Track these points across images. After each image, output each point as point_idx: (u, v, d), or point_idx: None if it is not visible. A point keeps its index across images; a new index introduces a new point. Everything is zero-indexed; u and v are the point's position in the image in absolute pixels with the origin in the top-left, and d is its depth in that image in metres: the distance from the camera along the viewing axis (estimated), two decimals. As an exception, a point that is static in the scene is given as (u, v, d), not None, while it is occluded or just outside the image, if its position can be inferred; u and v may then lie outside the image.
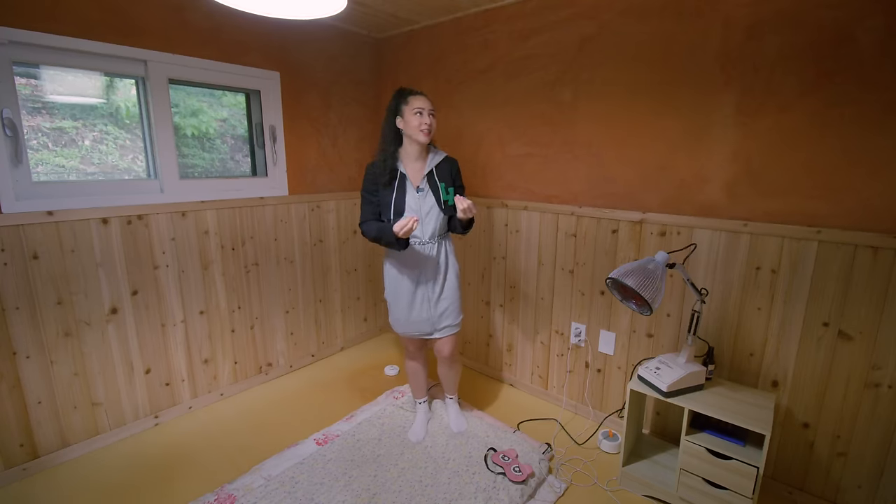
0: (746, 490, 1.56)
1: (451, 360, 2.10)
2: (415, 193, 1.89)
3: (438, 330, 2.00)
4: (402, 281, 1.95)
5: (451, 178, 1.96)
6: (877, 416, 1.60)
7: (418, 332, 2.00)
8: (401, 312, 1.99)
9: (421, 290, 1.95)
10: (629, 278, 1.61)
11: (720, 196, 1.83)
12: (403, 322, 2.00)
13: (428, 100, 1.86)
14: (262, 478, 1.84)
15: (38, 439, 1.92)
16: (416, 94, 1.85)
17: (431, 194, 1.90)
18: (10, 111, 1.75)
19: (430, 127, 1.83)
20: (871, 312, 1.56)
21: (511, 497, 1.75)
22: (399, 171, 1.89)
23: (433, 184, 1.91)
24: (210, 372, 2.46)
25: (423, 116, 1.82)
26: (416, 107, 1.82)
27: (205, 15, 2.21)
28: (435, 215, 1.91)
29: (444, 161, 1.96)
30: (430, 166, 1.92)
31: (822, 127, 1.59)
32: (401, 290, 1.96)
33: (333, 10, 1.37)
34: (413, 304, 1.96)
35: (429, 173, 1.92)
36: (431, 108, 1.85)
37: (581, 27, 2.10)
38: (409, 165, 1.92)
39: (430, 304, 1.97)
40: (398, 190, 1.88)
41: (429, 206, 1.90)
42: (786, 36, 1.61)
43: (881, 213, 1.52)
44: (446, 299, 1.98)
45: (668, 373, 1.72)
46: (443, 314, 1.98)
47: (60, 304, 1.91)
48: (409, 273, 1.94)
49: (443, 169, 1.95)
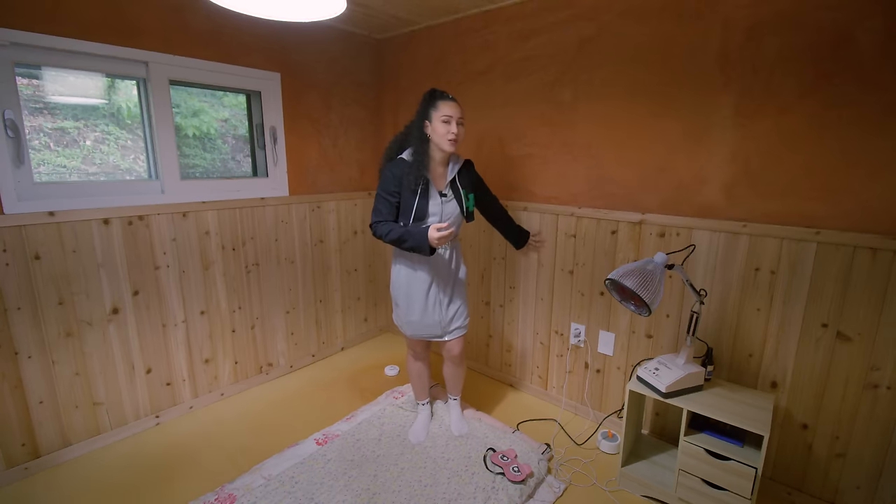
0: (745, 491, 1.57)
1: (460, 360, 2.10)
2: (438, 199, 1.86)
3: (449, 332, 2.01)
4: (415, 284, 1.93)
5: (471, 184, 1.97)
6: (875, 417, 1.60)
7: (430, 334, 2.00)
8: (414, 315, 1.96)
9: (433, 293, 1.94)
10: (628, 279, 1.61)
11: (719, 197, 1.83)
12: (416, 325, 1.98)
13: (458, 106, 1.80)
14: (263, 477, 1.85)
15: (40, 439, 1.93)
16: (446, 100, 1.79)
17: (454, 201, 1.90)
18: (12, 112, 1.76)
19: (457, 136, 1.79)
20: (870, 313, 1.56)
21: (510, 497, 1.75)
22: (424, 176, 1.85)
23: (456, 190, 1.90)
24: (211, 372, 2.47)
25: (450, 125, 1.77)
26: (444, 114, 1.77)
27: (205, 16, 2.22)
28: (457, 221, 1.92)
29: (464, 167, 1.96)
30: (454, 172, 1.90)
31: (821, 128, 1.59)
32: (414, 292, 1.94)
33: (333, 12, 1.37)
34: (426, 307, 1.95)
35: (452, 179, 1.91)
36: (461, 115, 1.80)
37: (580, 28, 2.10)
38: (434, 170, 1.89)
39: (442, 306, 1.97)
40: (422, 195, 1.84)
41: (450, 212, 1.88)
42: (785, 37, 1.61)
43: (880, 214, 1.52)
44: (457, 301, 2.00)
45: (667, 373, 1.73)
46: (453, 316, 1.99)
47: (62, 305, 1.92)
48: (424, 276, 1.92)
49: (464, 175, 1.95)
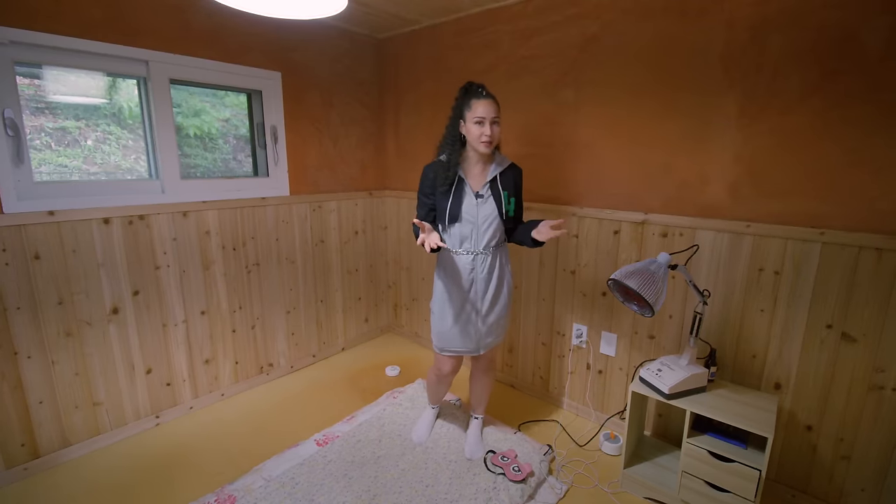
0: (748, 493, 1.55)
1: (491, 371, 2.01)
2: (473, 200, 1.76)
3: (484, 345, 1.88)
4: (455, 291, 1.82)
5: (514, 187, 1.81)
6: (881, 419, 1.59)
7: (465, 347, 1.86)
8: (446, 325, 1.84)
9: (470, 303, 1.82)
10: (631, 279, 1.60)
11: (723, 197, 1.82)
12: (448, 336, 1.86)
13: (493, 105, 1.68)
14: (263, 478, 1.84)
15: (40, 439, 1.92)
16: (480, 98, 1.68)
17: (493, 202, 1.76)
18: (12, 111, 1.75)
19: (490, 138, 1.69)
20: (875, 314, 1.55)
21: (511, 497, 1.74)
22: (458, 176, 1.76)
23: (495, 191, 1.77)
24: (211, 372, 2.46)
25: (483, 126, 1.67)
26: (477, 115, 1.67)
27: (206, 15, 2.21)
28: (494, 225, 1.77)
29: (509, 168, 1.81)
30: (494, 173, 1.77)
31: (825, 127, 1.57)
32: (453, 300, 1.82)
33: (334, 10, 1.36)
34: (460, 317, 1.82)
35: (492, 180, 1.78)
36: (495, 115, 1.69)
37: (583, 27, 2.09)
38: (470, 170, 1.79)
39: (480, 318, 1.83)
40: (455, 195, 1.75)
41: (486, 213, 1.76)
42: (789, 36, 1.59)
43: (885, 214, 1.50)
44: (496, 314, 1.85)
45: (670, 375, 1.72)
46: (490, 329, 1.86)
47: (62, 304, 1.91)
48: (461, 284, 1.80)
49: (507, 177, 1.80)
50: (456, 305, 1.82)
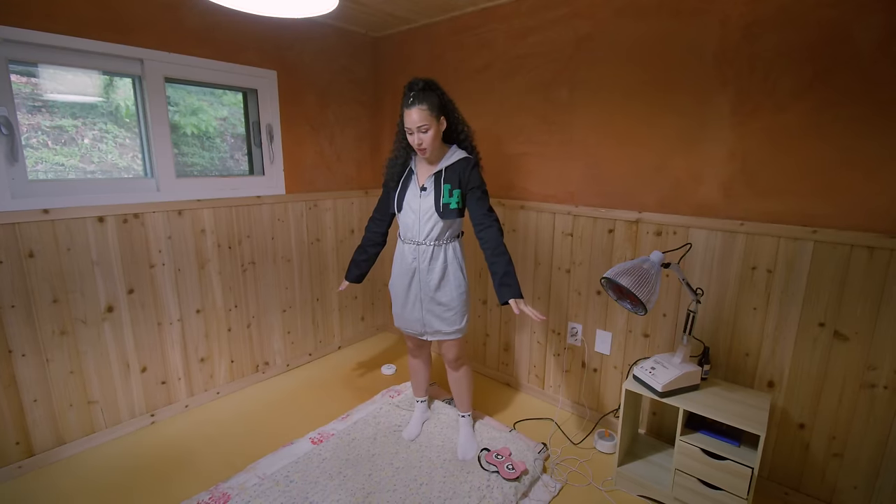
0: (741, 491, 1.56)
1: (455, 366, 2.02)
2: (417, 192, 1.83)
3: (429, 333, 1.96)
4: (399, 276, 1.95)
5: (458, 180, 1.79)
6: (873, 417, 1.59)
7: (411, 329, 1.99)
8: (396, 306, 2.00)
9: (414, 288, 1.91)
10: (624, 278, 1.60)
11: (716, 196, 1.82)
12: (398, 316, 2.01)
13: (419, 113, 1.68)
14: (257, 476, 1.84)
15: (34, 437, 1.92)
16: (407, 108, 1.70)
17: (433, 195, 1.79)
18: (6, 109, 1.75)
19: (422, 144, 1.72)
20: (867, 313, 1.55)
21: (505, 495, 1.75)
22: (409, 167, 1.88)
23: (438, 185, 1.80)
24: (206, 371, 2.46)
25: (413, 136, 1.72)
26: (406, 125, 1.72)
27: (200, 14, 2.21)
28: (433, 217, 1.80)
29: (458, 162, 1.80)
30: (442, 166, 1.80)
31: (818, 126, 1.58)
32: (397, 284, 1.96)
33: (324, 8, 1.36)
34: (406, 302, 1.95)
35: (437, 172, 1.80)
36: (421, 123, 1.69)
37: (577, 26, 2.09)
38: (420, 163, 1.87)
39: (422, 304, 1.91)
40: (402, 186, 1.87)
41: (427, 206, 1.80)
42: (783, 35, 1.60)
43: (877, 213, 1.51)
44: (441, 306, 1.89)
45: (664, 373, 1.72)
46: (435, 317, 1.91)
47: (56, 303, 1.91)
48: (405, 269, 1.91)
49: (453, 170, 1.79)
50: (398, 289, 1.96)
